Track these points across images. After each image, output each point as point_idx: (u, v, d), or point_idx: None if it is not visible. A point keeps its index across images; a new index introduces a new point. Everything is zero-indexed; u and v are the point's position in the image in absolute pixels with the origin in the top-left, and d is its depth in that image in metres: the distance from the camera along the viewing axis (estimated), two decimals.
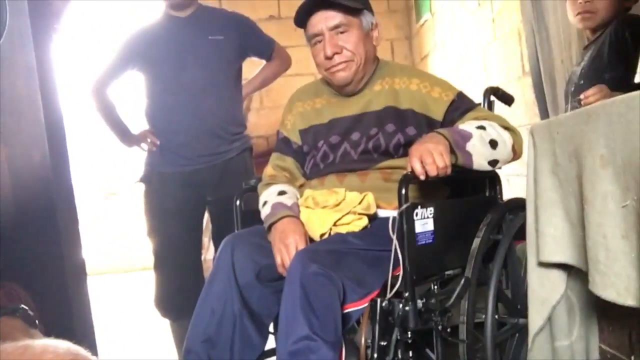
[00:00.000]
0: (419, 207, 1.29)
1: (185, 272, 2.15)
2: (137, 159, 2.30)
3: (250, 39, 2.25)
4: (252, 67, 2.43)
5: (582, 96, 1.67)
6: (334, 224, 1.38)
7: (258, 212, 1.55)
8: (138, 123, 2.25)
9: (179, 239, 2.15)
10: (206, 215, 2.30)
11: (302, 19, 1.52)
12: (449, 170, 1.30)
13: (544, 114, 2.41)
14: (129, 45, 2.17)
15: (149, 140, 2.16)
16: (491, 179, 1.60)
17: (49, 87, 1.42)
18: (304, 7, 1.50)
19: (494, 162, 1.42)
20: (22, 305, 1.05)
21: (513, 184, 2.82)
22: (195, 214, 2.22)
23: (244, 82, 2.35)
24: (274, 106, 4.24)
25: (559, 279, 1.27)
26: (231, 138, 2.19)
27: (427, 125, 1.50)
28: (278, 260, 1.35)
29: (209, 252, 2.98)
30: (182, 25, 2.14)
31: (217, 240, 2.24)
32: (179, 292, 2.12)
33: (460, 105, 1.52)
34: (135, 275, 4.86)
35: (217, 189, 2.15)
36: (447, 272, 1.42)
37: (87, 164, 5.21)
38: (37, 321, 1.07)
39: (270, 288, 1.40)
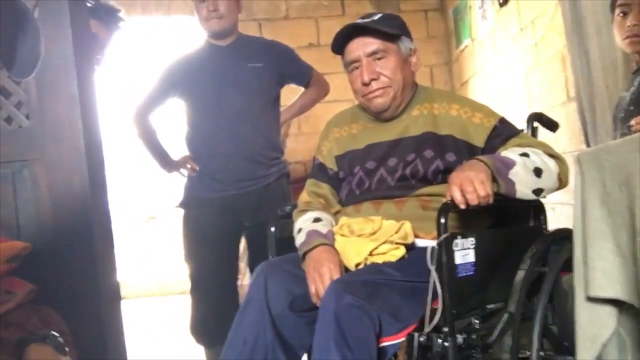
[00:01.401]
0: (459, 237, 1.24)
1: (221, 298, 2.15)
2: (178, 184, 2.34)
3: (289, 66, 2.27)
4: (291, 93, 2.44)
5: (632, 122, 1.60)
6: (370, 254, 1.34)
7: (293, 239, 1.53)
8: (179, 149, 2.29)
9: (216, 265, 2.16)
10: (243, 241, 2.30)
11: (339, 45, 1.51)
12: (490, 200, 1.25)
13: (590, 141, 2.32)
14: (171, 72, 2.22)
15: (188, 165, 2.20)
16: (535, 208, 1.53)
17: (89, 115, 1.45)
18: (341, 33, 1.49)
19: (538, 191, 1.36)
20: (53, 332, 1.05)
21: (558, 212, 2.71)
22: (232, 239, 2.23)
23: (282, 108, 2.37)
24: (312, 132, 4.25)
25: (609, 315, 1.19)
26: (269, 163, 2.20)
27: (467, 151, 1.46)
28: (312, 289, 1.32)
29: (245, 278, 2.98)
30: (222, 54, 2.19)
31: (253, 266, 2.23)
32: (214, 318, 2.11)
33: (503, 132, 1.47)
34: (174, 299, 4.89)
35: (254, 214, 2.15)
36: (488, 306, 1.35)
37: (129, 189, 5.31)
38: (67, 348, 1.06)
39: (304, 318, 1.36)
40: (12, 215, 1.43)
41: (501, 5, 3.28)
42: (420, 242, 1.40)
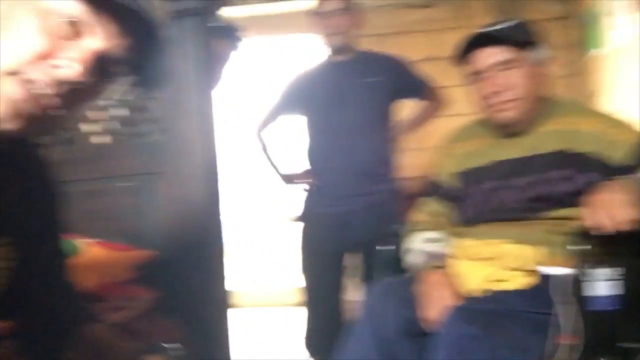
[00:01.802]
0: (594, 267, 1.11)
1: (334, 313, 2.17)
2: (296, 197, 2.38)
3: (405, 80, 2.24)
4: (406, 107, 2.38)
5: None
6: (489, 280, 1.24)
7: (404, 259, 1.47)
8: (299, 163, 2.34)
9: (331, 279, 2.19)
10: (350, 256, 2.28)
11: (464, 55, 1.43)
12: (633, 225, 1.10)
13: None
14: (293, 89, 2.29)
15: (308, 180, 2.23)
16: None
17: (208, 130, 1.49)
18: (467, 42, 1.41)
19: None
20: (170, 345, 1.07)
21: None
22: (340, 254, 2.22)
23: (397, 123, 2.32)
24: (422, 147, 4.14)
25: None
26: (380, 179, 2.18)
27: (605, 171, 1.30)
28: (426, 314, 1.25)
29: (353, 294, 2.95)
30: (340, 69, 2.21)
31: (364, 283, 2.20)
32: (326, 332, 2.12)
33: None
34: (289, 311, 4.96)
35: (365, 230, 2.12)
36: (629, 345, 1.19)
37: (248, 200, 5.50)
38: None
39: (417, 344, 1.29)
40: (138, 225, 1.51)
41: (635, 11, 2.98)
42: (546, 270, 1.27)
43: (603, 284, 1.10)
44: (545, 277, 1.22)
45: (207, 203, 1.47)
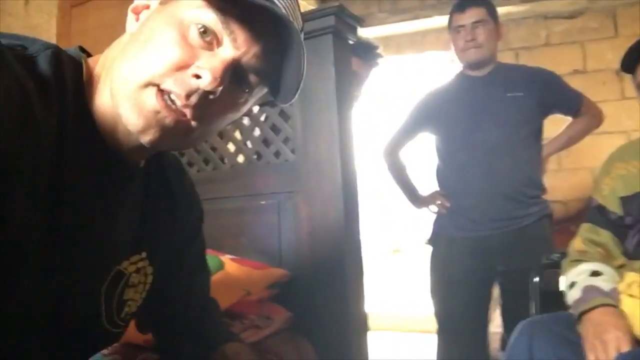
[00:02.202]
0: None
1: (470, 345, 2.02)
2: (426, 219, 2.27)
3: (555, 95, 2.04)
4: (555, 125, 2.18)
5: None
6: None
7: (560, 294, 1.30)
8: (429, 184, 2.23)
9: (464, 309, 2.03)
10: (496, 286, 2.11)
11: (631, 63, 1.26)
12: None
13: None
14: (423, 106, 2.19)
15: (438, 202, 2.11)
16: None
17: (347, 150, 1.46)
18: (635, 49, 1.24)
19: None
20: None
21: None
22: (483, 284, 2.06)
23: (545, 141, 2.13)
24: (574, 168, 3.79)
25: None
26: (528, 202, 1.98)
27: None
28: (592, 359, 1.08)
29: (495, 325, 2.75)
30: (478, 84, 2.07)
31: (506, 317, 2.02)
32: None
33: None
34: (417, 337, 4.80)
35: (510, 259, 1.96)
36: None
37: (377, 220, 5.46)
38: None
39: None
40: (276, 243, 1.51)
41: None
42: None
43: None
44: None
45: (346, 223, 1.43)
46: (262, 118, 1.62)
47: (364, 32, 4.34)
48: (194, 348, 0.92)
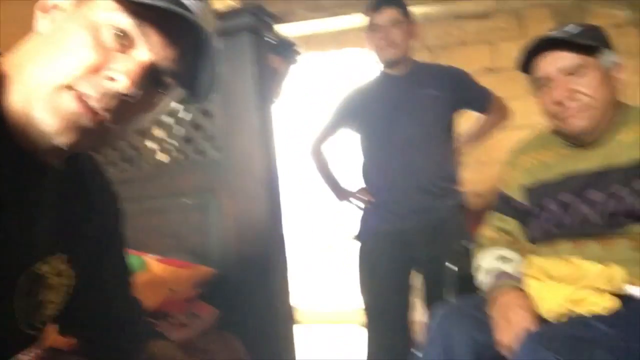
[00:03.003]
0: None
1: (395, 334, 2.09)
2: (354, 214, 2.33)
3: (466, 92, 2.16)
4: (466, 120, 2.31)
5: None
6: (570, 302, 1.15)
7: (473, 278, 1.39)
8: (355, 180, 2.29)
9: (389, 299, 2.11)
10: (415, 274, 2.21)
11: (527, 62, 1.36)
12: None
13: None
14: (347, 104, 2.25)
15: (363, 197, 2.18)
16: None
17: (268, 146, 1.48)
18: (531, 48, 1.34)
19: None
20: None
21: None
22: (406, 273, 2.14)
23: (457, 136, 2.25)
24: (488, 161, 4.01)
25: None
26: (443, 194, 2.09)
27: None
28: (500, 338, 1.17)
29: (419, 314, 2.87)
30: (396, 83, 2.15)
31: (428, 303, 2.12)
32: (388, 354, 2.07)
33: None
34: (347, 328, 4.90)
35: (429, 248, 2.05)
36: None
37: (306, 217, 5.51)
38: None
39: None
40: (202, 242, 1.51)
41: None
42: (636, 291, 1.17)
43: None
44: (634, 300, 1.12)
45: (269, 219, 1.45)
46: (185, 116, 1.61)
47: (284, 30, 4.36)
48: (117, 349, 0.91)
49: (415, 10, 4.15)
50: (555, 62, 1.31)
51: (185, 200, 1.52)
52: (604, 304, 1.14)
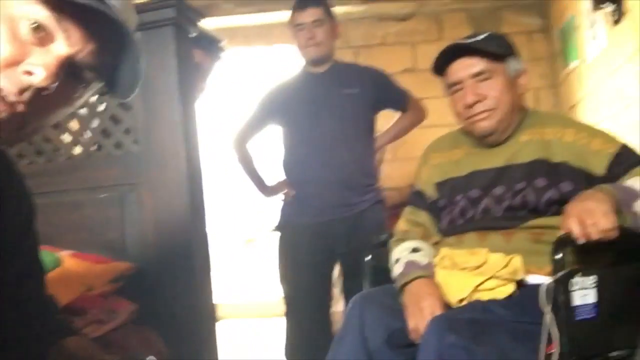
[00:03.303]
0: (579, 275, 1.12)
1: (314, 324, 2.15)
2: (275, 207, 2.36)
3: (385, 92, 2.25)
4: (387, 119, 2.40)
5: None
6: (475, 289, 1.24)
7: (389, 269, 1.46)
8: (277, 174, 2.32)
9: (309, 290, 2.16)
10: (337, 267, 2.27)
11: (440, 67, 1.45)
12: (614, 234, 1.11)
13: None
14: (269, 100, 2.27)
15: (285, 190, 2.22)
16: None
17: (191, 140, 1.48)
18: (443, 54, 1.43)
19: None
20: (151, 357, 1.05)
21: None
22: (325, 265, 2.21)
23: (378, 134, 2.33)
24: (407, 158, 4.17)
25: None
26: (363, 190, 2.17)
27: (585, 181, 1.32)
28: (411, 324, 1.24)
29: (339, 305, 2.94)
30: (318, 81, 2.20)
31: (347, 294, 2.19)
32: (307, 343, 2.13)
33: (626, 159, 1.32)
34: (271, 322, 4.92)
35: (348, 241, 2.13)
36: (612, 354, 1.20)
37: (228, 212, 5.47)
38: None
39: (402, 355, 1.28)
40: (119, 237, 1.48)
41: (614, 23, 3.05)
42: (532, 279, 1.28)
43: (582, 292, 1.10)
44: (532, 287, 1.23)
45: (190, 214, 1.45)
46: (101, 108, 1.57)
47: (209, 23, 4.30)
48: (30, 346, 0.89)
49: (339, 10, 4.24)
50: (465, 67, 1.41)
51: (103, 195, 1.49)
52: (506, 291, 1.24)
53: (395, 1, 4.19)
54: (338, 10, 4.12)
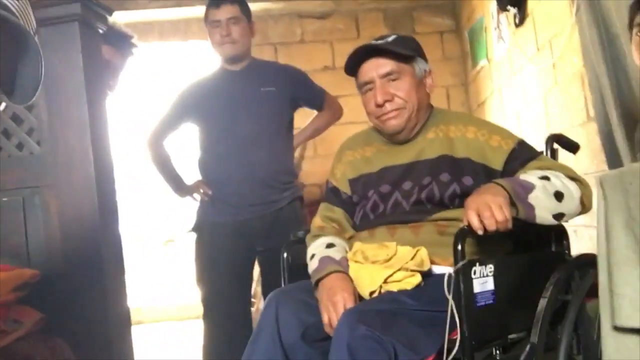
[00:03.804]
0: (477, 264, 1.19)
1: (234, 323, 2.12)
2: (193, 207, 2.32)
3: (302, 90, 2.27)
4: (305, 116, 2.43)
5: None
6: (385, 281, 1.30)
7: (307, 266, 1.49)
8: (192, 174, 2.28)
9: (228, 290, 2.14)
10: (257, 265, 2.27)
11: (353, 67, 1.49)
12: (509, 225, 1.20)
13: (612, 162, 2.25)
14: (184, 97, 2.23)
15: (201, 190, 2.19)
16: (557, 232, 1.47)
17: (100, 141, 1.44)
18: (354, 55, 1.47)
19: (559, 216, 1.31)
20: None
21: (581, 235, 2.63)
22: (244, 264, 2.20)
23: (296, 131, 2.35)
24: (327, 154, 4.22)
25: (637, 345, 1.13)
26: (281, 187, 2.18)
27: (485, 175, 1.41)
28: (325, 319, 1.28)
29: (260, 303, 2.94)
30: (235, 78, 2.19)
31: (266, 292, 2.20)
32: (225, 344, 2.09)
33: (522, 154, 1.42)
34: (192, 324, 4.84)
35: (267, 239, 2.13)
36: (510, 336, 1.29)
37: (146, 212, 5.33)
38: None
39: (317, 349, 1.31)
40: (22, 242, 1.42)
41: (517, 25, 3.24)
42: (437, 269, 1.35)
43: (481, 280, 1.18)
44: (438, 276, 1.29)
45: (102, 217, 1.41)
46: (1, 107, 1.49)
47: (123, 17, 4.16)
48: None
49: (258, 6, 4.22)
50: (375, 68, 1.46)
51: (4, 198, 1.41)
52: (414, 282, 1.31)
53: None
54: (257, 6, 4.14)
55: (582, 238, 2.62)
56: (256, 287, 2.74)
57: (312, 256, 1.46)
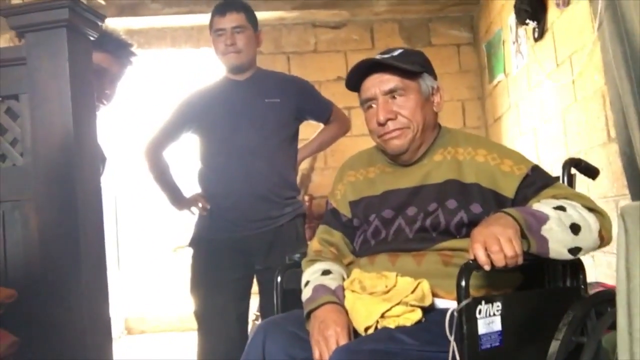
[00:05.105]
0: (483, 302, 1.09)
1: (229, 343, 2.02)
2: (192, 220, 2.24)
3: (307, 102, 2.18)
4: (311, 128, 2.34)
5: None
6: (382, 316, 1.19)
7: (300, 292, 1.39)
8: (192, 186, 2.20)
9: (225, 309, 2.05)
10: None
11: (355, 82, 1.40)
12: (519, 260, 1.09)
13: (634, 186, 2.13)
14: (185, 107, 2.16)
15: (199, 204, 2.10)
16: (572, 265, 1.35)
17: (85, 152, 1.36)
18: (356, 69, 1.38)
19: (575, 250, 1.20)
20: None
21: (599, 262, 2.50)
22: (243, 283, 2.11)
23: (303, 143, 2.27)
24: (338, 166, 4.13)
25: None
26: (282, 202, 2.09)
27: (495, 202, 1.30)
28: (316, 355, 1.18)
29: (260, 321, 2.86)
30: (238, 89, 2.11)
31: (263, 313, 2.11)
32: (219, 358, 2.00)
33: (535, 181, 1.31)
34: (188, 335, 4.76)
35: (266, 257, 2.04)
36: None
37: (150, 222, 5.26)
38: None
39: None
40: (1, 259, 1.34)
41: (536, 40, 3.13)
42: (440, 303, 1.25)
43: (487, 320, 1.07)
44: (440, 311, 1.19)
45: (86, 233, 1.32)
46: None
47: (136, 22, 4.12)
48: None
49: (272, 15, 4.16)
50: (379, 84, 1.36)
51: None
52: (413, 318, 1.20)
53: (328, 9, 4.17)
54: (271, 15, 4.08)
55: (600, 265, 2.49)
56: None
57: (307, 283, 1.36)
